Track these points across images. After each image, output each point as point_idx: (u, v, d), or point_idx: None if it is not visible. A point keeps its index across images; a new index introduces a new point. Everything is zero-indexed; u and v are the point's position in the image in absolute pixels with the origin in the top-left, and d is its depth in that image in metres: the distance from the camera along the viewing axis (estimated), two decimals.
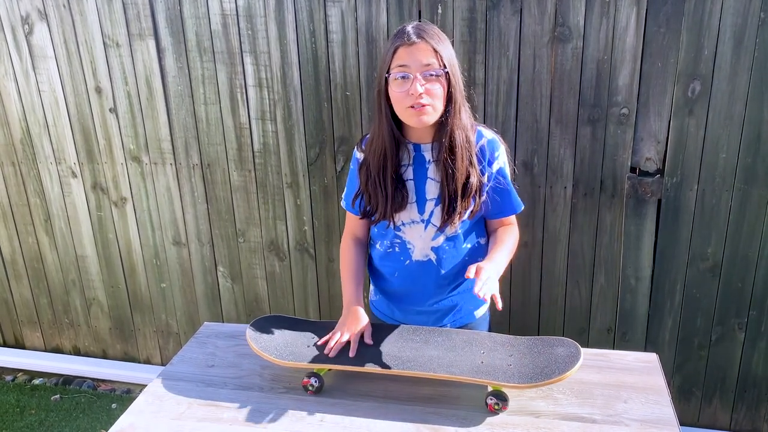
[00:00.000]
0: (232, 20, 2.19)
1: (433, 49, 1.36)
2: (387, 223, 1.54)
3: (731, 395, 2.24)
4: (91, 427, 2.57)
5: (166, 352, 2.80)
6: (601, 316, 2.24)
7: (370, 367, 1.39)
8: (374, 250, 1.66)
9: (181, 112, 2.36)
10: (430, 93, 1.38)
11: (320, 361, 1.43)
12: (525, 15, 1.96)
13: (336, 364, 1.41)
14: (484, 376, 1.34)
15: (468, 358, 1.41)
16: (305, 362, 1.42)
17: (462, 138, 1.44)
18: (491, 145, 1.50)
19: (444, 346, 1.46)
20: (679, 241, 2.09)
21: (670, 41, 1.90)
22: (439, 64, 1.37)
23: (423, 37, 1.37)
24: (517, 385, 1.31)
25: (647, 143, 2.01)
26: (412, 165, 1.51)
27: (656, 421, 1.31)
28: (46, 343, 2.97)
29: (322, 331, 1.54)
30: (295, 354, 1.45)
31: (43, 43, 2.40)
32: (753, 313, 2.13)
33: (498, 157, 1.50)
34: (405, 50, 1.37)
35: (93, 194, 2.59)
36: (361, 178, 1.54)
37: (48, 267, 2.79)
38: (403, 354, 1.43)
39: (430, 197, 1.51)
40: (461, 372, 1.36)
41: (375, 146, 1.49)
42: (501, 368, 1.37)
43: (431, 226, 1.52)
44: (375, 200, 1.51)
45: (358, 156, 1.58)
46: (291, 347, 1.48)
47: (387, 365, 1.39)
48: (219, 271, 2.57)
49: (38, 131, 2.55)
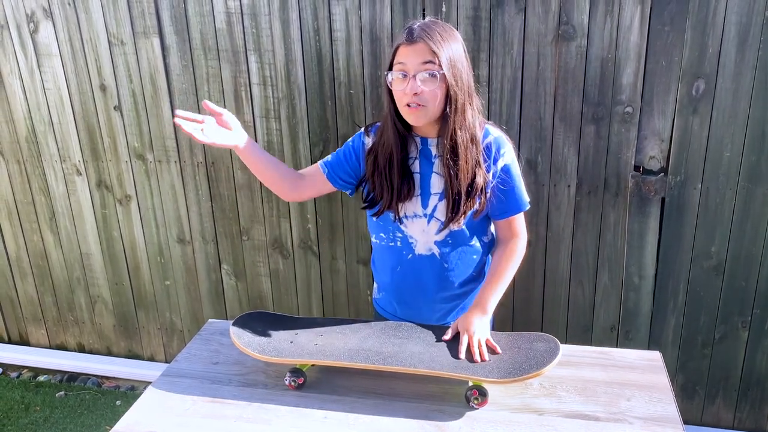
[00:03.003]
0: (237, 18, 2.19)
1: (432, 50, 1.36)
2: (392, 216, 1.54)
3: (735, 394, 2.24)
4: (96, 423, 2.58)
5: (170, 349, 2.81)
6: (604, 315, 2.25)
7: (351, 362, 1.40)
8: (374, 244, 1.67)
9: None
10: (425, 93, 1.38)
11: (302, 356, 1.43)
12: (529, 13, 1.96)
13: (318, 360, 1.42)
14: (464, 372, 1.36)
15: (449, 353, 1.42)
16: (288, 358, 1.43)
17: (465, 138, 1.43)
18: (497, 142, 1.49)
19: (426, 341, 1.48)
20: (683, 239, 2.09)
21: (675, 40, 1.90)
22: (437, 65, 1.37)
23: (423, 37, 1.36)
24: (495, 380, 1.33)
25: (651, 142, 2.01)
26: (419, 158, 1.51)
27: (660, 419, 1.31)
28: (51, 340, 2.98)
29: (305, 326, 1.56)
30: (278, 350, 1.46)
31: (48, 41, 2.41)
32: (756, 312, 2.13)
33: (504, 155, 1.49)
34: (405, 49, 1.38)
35: (97, 192, 2.60)
36: (368, 166, 1.54)
37: (53, 264, 2.80)
38: (384, 349, 1.44)
39: (435, 191, 1.51)
40: (441, 367, 1.37)
41: (384, 138, 1.50)
42: (480, 364, 1.39)
43: (434, 221, 1.53)
44: (380, 191, 1.52)
45: (364, 140, 1.58)
46: (274, 343, 1.49)
47: (369, 360, 1.40)
48: (223, 269, 2.58)
49: (43, 129, 2.56)
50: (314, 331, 1.54)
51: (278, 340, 1.50)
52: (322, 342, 1.49)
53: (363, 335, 1.51)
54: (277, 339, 1.51)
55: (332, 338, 1.50)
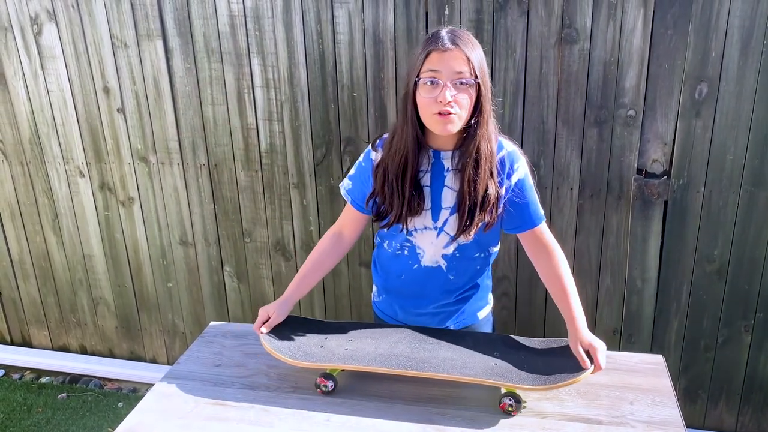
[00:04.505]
0: (240, 21, 2.20)
1: (467, 58, 1.33)
2: (400, 227, 1.52)
3: (737, 397, 2.24)
4: (98, 425, 2.58)
5: (173, 351, 2.81)
6: (607, 318, 2.24)
7: (384, 367, 1.39)
8: (381, 249, 1.65)
9: (188, 112, 2.37)
10: (459, 102, 1.34)
11: (334, 360, 1.43)
12: (532, 16, 1.97)
13: (350, 365, 1.41)
14: (498, 378, 1.34)
15: (481, 359, 1.41)
16: (319, 362, 1.42)
17: (487, 149, 1.40)
18: (511, 156, 1.46)
19: (457, 347, 1.46)
20: (686, 242, 2.09)
21: (678, 43, 1.90)
22: (470, 74, 1.34)
23: (457, 44, 1.33)
24: (532, 387, 1.32)
25: (654, 145, 2.01)
26: (429, 171, 1.48)
27: (662, 423, 1.31)
28: (53, 342, 2.98)
29: (334, 331, 1.55)
30: (309, 354, 1.45)
31: (51, 43, 2.41)
32: (760, 316, 2.12)
33: (517, 169, 1.46)
34: (438, 56, 1.34)
35: (100, 194, 2.60)
36: (377, 179, 1.51)
37: (55, 266, 2.81)
38: (416, 355, 1.43)
39: (446, 206, 1.48)
40: (474, 374, 1.36)
41: (396, 148, 1.45)
42: (515, 370, 1.37)
43: (444, 234, 1.51)
44: (390, 203, 1.48)
45: (372, 157, 1.54)
46: (304, 347, 1.48)
47: (401, 366, 1.39)
48: (225, 271, 2.58)
49: (46, 131, 2.56)
50: (344, 336, 1.53)
51: (308, 344, 1.49)
52: (353, 347, 1.48)
53: (393, 340, 1.50)
54: (307, 343, 1.50)
55: (363, 343, 1.49)
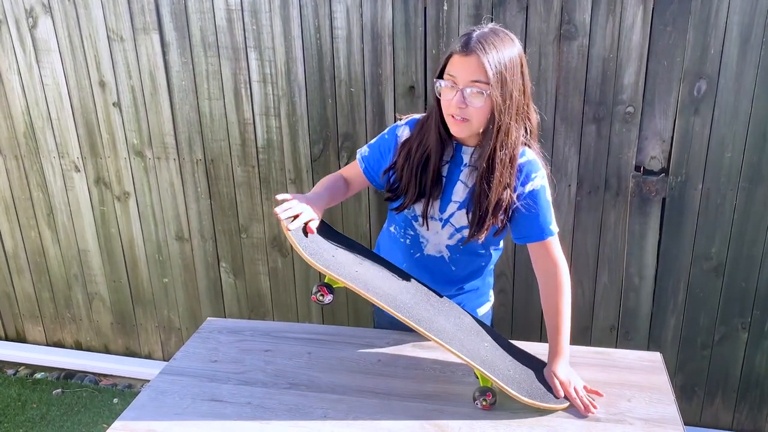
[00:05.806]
0: (237, 15, 2.18)
1: (483, 67, 1.29)
2: (410, 212, 1.51)
3: (734, 395, 2.24)
4: (93, 421, 2.57)
5: (168, 347, 2.80)
6: (604, 315, 2.24)
7: (387, 306, 1.33)
8: (388, 233, 1.64)
9: (184, 106, 2.35)
10: (470, 109, 1.33)
11: (344, 276, 1.34)
12: (531, 12, 1.96)
13: (359, 288, 1.33)
14: (489, 371, 1.33)
15: (474, 344, 1.39)
16: (332, 271, 1.33)
17: (505, 158, 1.38)
18: (529, 165, 1.43)
19: (453, 321, 1.43)
20: (683, 240, 2.09)
21: (677, 40, 1.90)
22: (485, 83, 1.30)
23: (477, 51, 1.29)
24: (520, 396, 1.32)
25: (652, 142, 2.01)
26: (448, 163, 1.48)
27: (660, 420, 1.31)
28: (48, 338, 2.97)
29: (346, 247, 1.47)
30: (323, 259, 1.36)
31: (47, 36, 2.39)
32: (756, 313, 2.12)
33: (534, 179, 1.43)
34: (457, 59, 1.32)
35: (96, 188, 2.59)
36: (400, 157, 1.49)
37: (50, 261, 2.79)
38: (417, 312, 1.37)
39: (456, 199, 1.47)
40: (469, 356, 1.32)
41: (424, 138, 1.45)
42: (502, 369, 1.36)
43: (449, 226, 1.50)
44: (406, 185, 1.47)
45: (398, 132, 1.52)
46: (320, 251, 1.38)
47: (401, 312, 1.33)
48: (221, 267, 2.57)
49: (41, 125, 2.54)
50: (353, 257, 1.45)
51: (323, 248, 1.40)
52: (362, 271, 1.41)
53: (398, 287, 1.43)
54: (322, 247, 1.40)
55: (371, 273, 1.43)
